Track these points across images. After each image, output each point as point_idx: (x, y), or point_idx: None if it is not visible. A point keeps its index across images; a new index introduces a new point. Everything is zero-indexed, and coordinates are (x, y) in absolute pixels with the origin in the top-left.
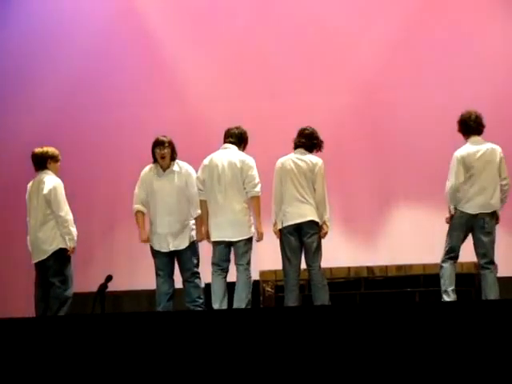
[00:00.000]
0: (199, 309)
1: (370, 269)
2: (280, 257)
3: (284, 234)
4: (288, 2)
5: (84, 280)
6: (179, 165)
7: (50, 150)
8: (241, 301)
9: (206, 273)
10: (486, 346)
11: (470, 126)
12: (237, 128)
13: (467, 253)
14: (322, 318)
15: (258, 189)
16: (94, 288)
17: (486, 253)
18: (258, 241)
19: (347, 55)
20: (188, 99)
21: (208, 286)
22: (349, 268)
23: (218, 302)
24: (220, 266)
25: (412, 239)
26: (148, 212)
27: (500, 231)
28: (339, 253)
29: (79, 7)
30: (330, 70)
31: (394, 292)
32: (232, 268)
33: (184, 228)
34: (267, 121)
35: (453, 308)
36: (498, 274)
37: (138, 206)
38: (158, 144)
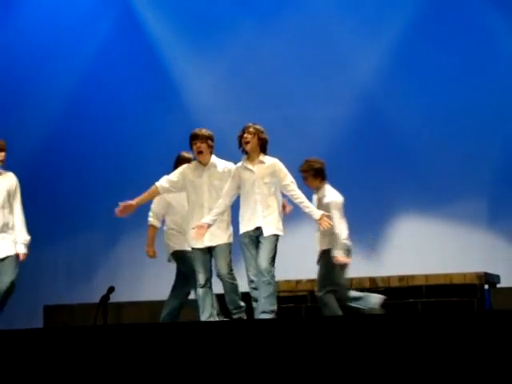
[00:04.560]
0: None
1: (372, 279)
2: (280, 267)
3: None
4: (289, 12)
5: (86, 291)
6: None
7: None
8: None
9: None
10: (489, 356)
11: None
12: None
13: (470, 263)
14: (325, 329)
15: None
16: (97, 299)
17: None
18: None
19: (348, 64)
20: (190, 110)
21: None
22: (351, 279)
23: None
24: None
25: (414, 250)
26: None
27: (502, 242)
28: None
29: (80, 14)
30: (331, 79)
31: (397, 303)
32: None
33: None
34: (269, 130)
35: (456, 319)
36: (503, 285)
37: (151, 220)
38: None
